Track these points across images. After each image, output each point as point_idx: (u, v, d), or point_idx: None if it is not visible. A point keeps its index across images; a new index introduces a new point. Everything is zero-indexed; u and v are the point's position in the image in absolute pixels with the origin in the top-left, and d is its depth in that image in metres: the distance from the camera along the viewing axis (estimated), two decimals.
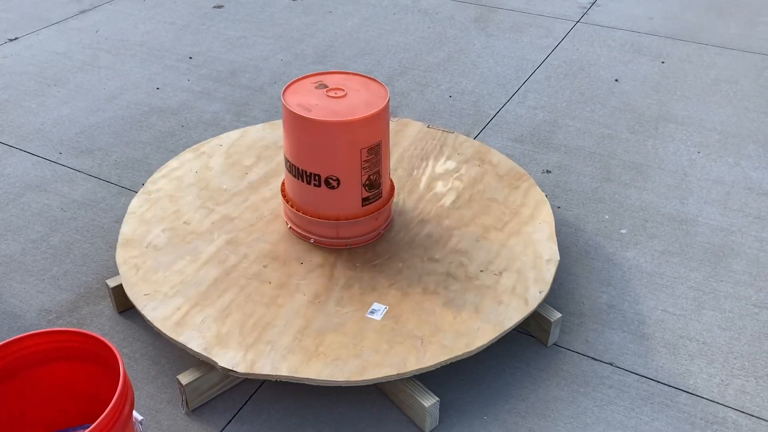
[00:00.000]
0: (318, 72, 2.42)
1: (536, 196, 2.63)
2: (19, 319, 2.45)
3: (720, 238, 2.80)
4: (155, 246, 2.41)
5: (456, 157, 2.83)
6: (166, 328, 2.11)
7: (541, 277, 2.29)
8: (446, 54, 4.21)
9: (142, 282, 2.27)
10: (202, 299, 2.21)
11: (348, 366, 2.00)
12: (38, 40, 4.40)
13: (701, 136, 3.42)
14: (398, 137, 2.95)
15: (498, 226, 2.50)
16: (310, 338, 2.08)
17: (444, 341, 2.07)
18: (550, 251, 2.39)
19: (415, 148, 2.89)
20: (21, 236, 2.81)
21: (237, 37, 4.44)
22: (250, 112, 3.64)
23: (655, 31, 4.45)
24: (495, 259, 2.36)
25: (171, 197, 2.64)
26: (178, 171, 2.77)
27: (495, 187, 2.68)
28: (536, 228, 2.49)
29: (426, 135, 2.96)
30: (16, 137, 3.44)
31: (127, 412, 1.65)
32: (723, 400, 2.18)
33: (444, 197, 2.63)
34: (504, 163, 2.81)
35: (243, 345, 2.06)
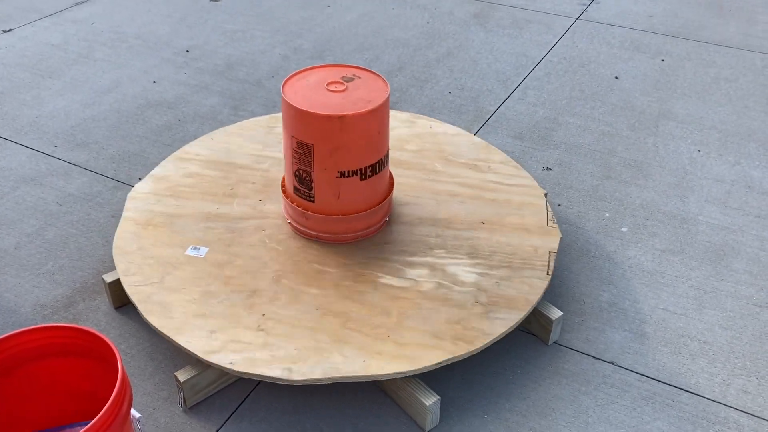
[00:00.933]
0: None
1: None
2: (14, 314, 2.41)
3: (721, 237, 2.78)
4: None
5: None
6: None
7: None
8: (446, 50, 4.19)
9: None
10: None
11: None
12: (33, 31, 4.35)
13: (701, 135, 3.41)
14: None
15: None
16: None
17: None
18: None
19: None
20: (15, 230, 2.78)
21: (234, 30, 4.40)
22: (247, 107, 3.61)
23: (655, 29, 4.44)
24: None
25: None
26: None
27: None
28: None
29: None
30: (10, 130, 3.40)
31: (125, 410, 1.63)
32: (724, 399, 2.17)
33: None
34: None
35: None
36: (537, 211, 2.53)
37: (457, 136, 2.92)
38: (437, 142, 2.89)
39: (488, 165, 2.76)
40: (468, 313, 2.14)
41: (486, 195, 2.61)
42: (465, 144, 2.87)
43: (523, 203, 2.57)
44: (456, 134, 2.94)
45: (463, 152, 2.83)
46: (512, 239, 2.41)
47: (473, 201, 2.58)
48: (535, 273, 2.29)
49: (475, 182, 2.67)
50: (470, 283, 2.24)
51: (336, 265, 2.30)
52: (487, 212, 2.53)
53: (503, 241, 2.40)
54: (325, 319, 2.12)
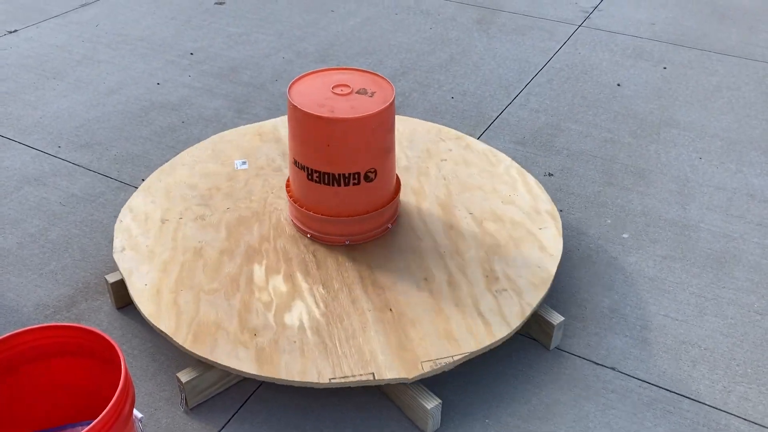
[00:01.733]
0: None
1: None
2: (16, 314, 2.42)
3: (722, 245, 2.79)
4: None
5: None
6: None
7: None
8: (448, 55, 4.20)
9: None
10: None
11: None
12: (38, 32, 4.37)
13: (703, 142, 3.42)
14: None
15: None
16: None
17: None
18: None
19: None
20: (19, 230, 2.78)
21: (238, 33, 4.42)
22: (251, 110, 3.62)
23: (657, 37, 4.45)
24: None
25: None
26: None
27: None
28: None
29: None
30: (14, 130, 3.41)
31: (128, 410, 1.63)
32: (725, 407, 2.17)
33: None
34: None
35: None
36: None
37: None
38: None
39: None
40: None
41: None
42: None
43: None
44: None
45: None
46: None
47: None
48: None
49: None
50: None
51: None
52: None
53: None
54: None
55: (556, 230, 2.49)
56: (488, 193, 2.66)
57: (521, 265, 2.33)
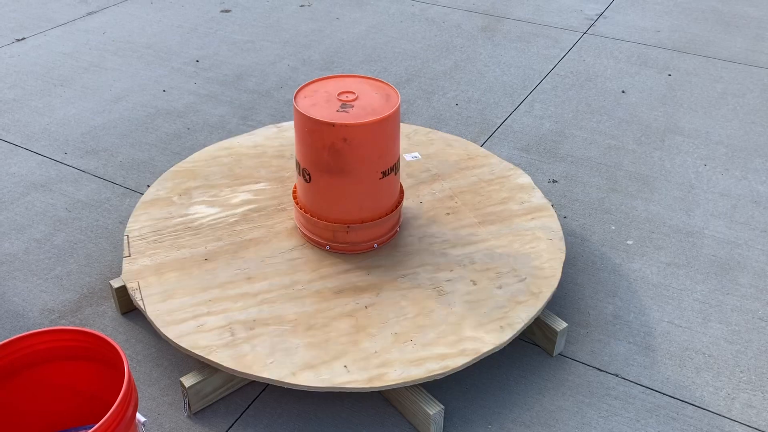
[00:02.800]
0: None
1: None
2: (22, 319, 2.43)
3: (726, 251, 2.78)
4: None
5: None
6: None
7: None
8: (453, 62, 4.21)
9: None
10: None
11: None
12: (45, 40, 4.40)
13: (708, 149, 3.42)
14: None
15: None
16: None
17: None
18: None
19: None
20: (25, 235, 2.80)
21: (244, 41, 4.44)
22: (256, 117, 3.64)
23: (662, 44, 4.46)
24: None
25: None
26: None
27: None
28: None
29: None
30: (21, 136, 3.44)
31: (130, 413, 1.64)
32: (729, 413, 2.16)
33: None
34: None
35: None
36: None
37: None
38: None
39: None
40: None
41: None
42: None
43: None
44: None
45: None
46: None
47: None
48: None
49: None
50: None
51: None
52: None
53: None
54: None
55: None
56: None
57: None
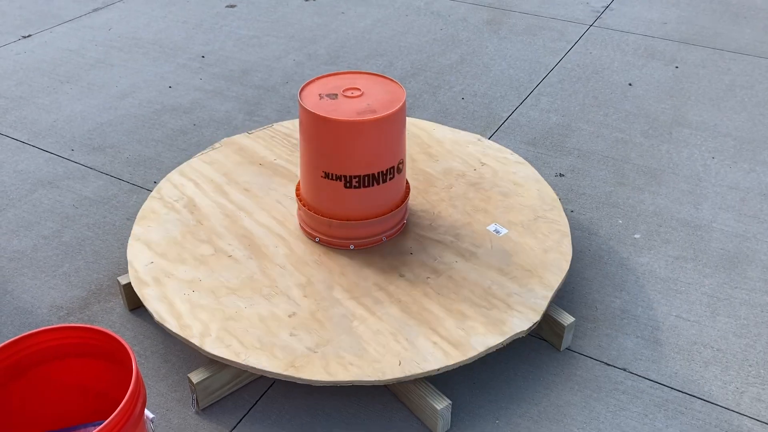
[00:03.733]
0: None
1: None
2: (30, 315, 2.44)
3: (735, 245, 2.77)
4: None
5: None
6: None
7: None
8: (459, 56, 4.20)
9: None
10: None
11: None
12: (52, 37, 4.41)
13: (716, 142, 3.39)
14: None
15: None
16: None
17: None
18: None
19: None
20: (33, 232, 2.81)
21: (249, 36, 4.44)
22: (262, 112, 3.64)
23: (669, 36, 4.43)
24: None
25: None
26: None
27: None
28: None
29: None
30: (28, 133, 3.45)
31: (139, 410, 1.64)
32: (738, 408, 2.15)
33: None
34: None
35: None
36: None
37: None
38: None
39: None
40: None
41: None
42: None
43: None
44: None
45: None
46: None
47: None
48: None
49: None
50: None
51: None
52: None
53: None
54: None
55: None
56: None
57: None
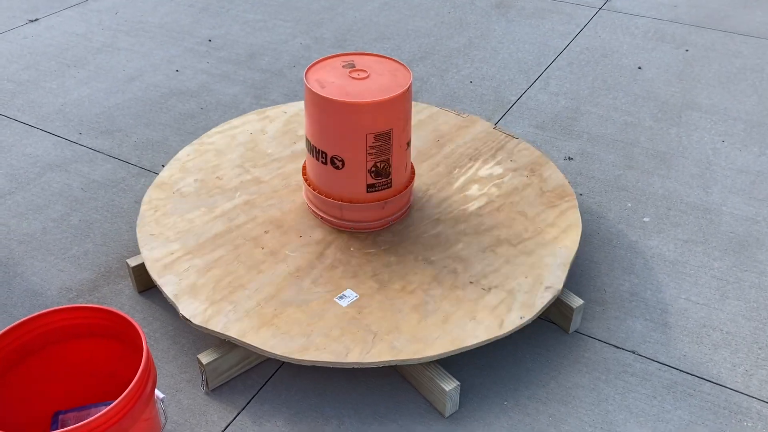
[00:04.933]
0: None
1: (570, 219, 2.43)
2: (40, 297, 2.46)
3: (744, 228, 2.76)
4: (182, 193, 2.56)
5: (507, 163, 2.69)
6: (154, 269, 2.25)
7: (530, 304, 2.14)
8: (467, 39, 4.17)
9: (154, 223, 2.43)
10: (196, 250, 2.33)
11: (293, 342, 2.01)
12: (58, 21, 4.40)
13: (726, 125, 3.37)
14: (458, 133, 2.86)
15: (513, 242, 2.36)
16: (271, 308, 2.11)
17: (395, 342, 2.01)
18: (553, 279, 2.21)
19: (469, 147, 2.79)
20: (42, 215, 2.82)
21: (256, 20, 4.42)
22: (269, 96, 3.63)
23: (679, 19, 4.39)
24: (491, 273, 2.24)
25: (218, 152, 2.79)
26: (236, 130, 2.94)
27: (531, 202, 2.51)
28: (553, 252, 2.32)
29: (487, 136, 2.84)
30: (36, 117, 3.45)
31: (149, 389, 1.65)
32: (747, 390, 2.15)
33: (472, 201, 2.53)
34: (554, 178, 2.62)
35: (209, 299, 2.14)
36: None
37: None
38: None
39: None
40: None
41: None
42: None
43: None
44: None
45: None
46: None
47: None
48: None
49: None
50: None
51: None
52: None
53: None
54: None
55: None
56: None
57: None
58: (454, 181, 2.63)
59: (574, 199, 2.54)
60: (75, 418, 1.86)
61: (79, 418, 1.85)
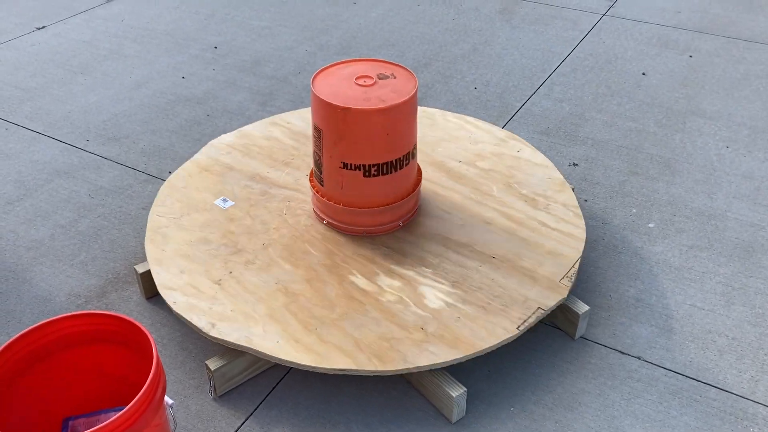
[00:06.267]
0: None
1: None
2: (49, 303, 2.47)
3: (749, 234, 2.76)
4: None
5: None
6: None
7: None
8: (471, 46, 4.19)
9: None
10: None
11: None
12: (65, 28, 4.43)
13: (730, 131, 3.38)
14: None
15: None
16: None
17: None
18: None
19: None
20: (50, 222, 2.84)
21: (262, 27, 4.45)
22: (274, 102, 3.65)
23: (683, 25, 4.40)
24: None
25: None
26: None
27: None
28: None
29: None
30: (44, 124, 3.47)
31: (159, 396, 1.66)
32: (753, 396, 2.15)
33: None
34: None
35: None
36: (560, 264, 2.30)
37: (537, 167, 2.73)
38: (512, 166, 2.73)
39: (548, 203, 2.55)
40: (404, 336, 2.07)
41: (521, 232, 2.43)
42: (540, 176, 2.67)
43: (552, 251, 2.35)
44: (538, 164, 2.75)
45: (531, 183, 2.64)
46: (510, 282, 2.24)
47: (502, 233, 2.42)
48: (503, 322, 2.11)
49: (520, 216, 2.50)
50: (431, 309, 2.15)
51: (323, 251, 2.35)
52: (506, 249, 2.36)
53: (499, 281, 2.24)
54: (275, 294, 2.19)
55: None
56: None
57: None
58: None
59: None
60: (85, 424, 1.88)
61: (89, 424, 1.87)
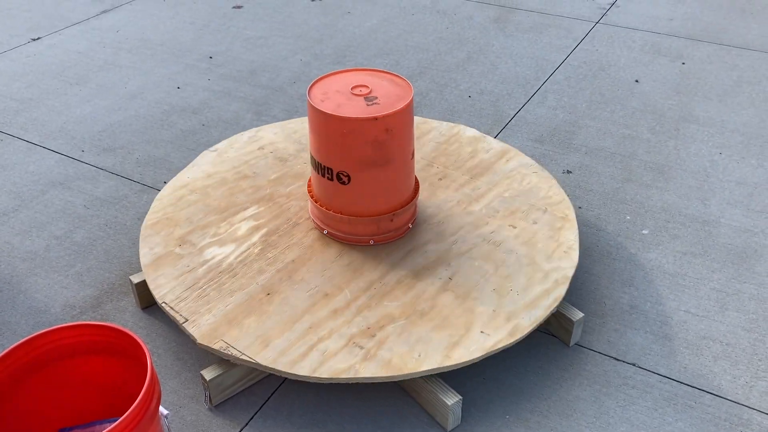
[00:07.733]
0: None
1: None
2: (44, 314, 2.47)
3: (743, 240, 2.77)
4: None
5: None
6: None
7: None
8: (465, 54, 4.21)
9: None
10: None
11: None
12: (60, 39, 4.45)
13: (723, 138, 3.40)
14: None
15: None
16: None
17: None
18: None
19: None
20: (45, 232, 2.84)
21: (256, 37, 4.46)
22: (270, 112, 3.66)
23: (676, 32, 4.43)
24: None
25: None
26: None
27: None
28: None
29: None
30: (39, 135, 3.48)
31: (154, 405, 1.66)
32: (748, 402, 2.16)
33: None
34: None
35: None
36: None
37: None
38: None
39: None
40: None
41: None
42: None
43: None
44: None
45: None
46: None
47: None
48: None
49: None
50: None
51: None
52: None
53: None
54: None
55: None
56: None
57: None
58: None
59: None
60: None
61: None
